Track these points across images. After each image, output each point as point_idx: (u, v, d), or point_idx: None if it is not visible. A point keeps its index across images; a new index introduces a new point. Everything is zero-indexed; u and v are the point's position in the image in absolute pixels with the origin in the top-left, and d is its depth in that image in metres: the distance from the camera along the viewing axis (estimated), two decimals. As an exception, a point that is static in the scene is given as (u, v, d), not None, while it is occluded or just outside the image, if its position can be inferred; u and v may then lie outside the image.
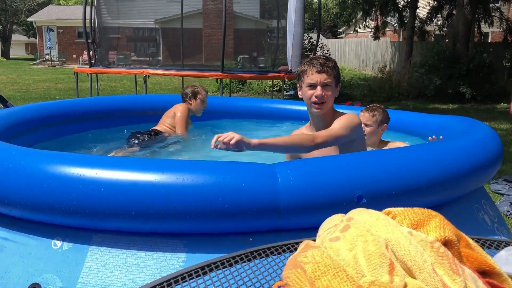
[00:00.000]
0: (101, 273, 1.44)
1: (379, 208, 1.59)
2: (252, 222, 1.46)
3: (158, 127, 3.55)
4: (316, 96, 1.92)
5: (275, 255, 0.84)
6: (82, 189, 1.43)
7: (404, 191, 1.60)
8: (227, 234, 1.53)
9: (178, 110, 3.56)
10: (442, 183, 1.70)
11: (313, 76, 1.92)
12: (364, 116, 2.67)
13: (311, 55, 8.70)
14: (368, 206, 1.47)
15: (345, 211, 1.54)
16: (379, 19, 16.29)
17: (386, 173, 1.61)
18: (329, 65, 1.93)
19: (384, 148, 2.64)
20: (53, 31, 27.73)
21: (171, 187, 1.41)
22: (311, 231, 0.86)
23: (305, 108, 2.11)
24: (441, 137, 2.40)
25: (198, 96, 3.68)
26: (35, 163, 1.54)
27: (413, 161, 1.71)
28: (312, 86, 1.93)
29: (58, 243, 1.52)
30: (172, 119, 3.55)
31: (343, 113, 2.00)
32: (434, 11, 15.21)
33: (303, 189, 1.47)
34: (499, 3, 14.01)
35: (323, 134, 1.87)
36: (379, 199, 1.52)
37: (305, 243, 0.67)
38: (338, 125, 1.91)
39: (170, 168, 1.48)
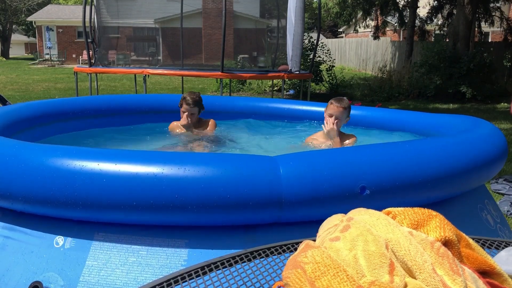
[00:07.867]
0: (102, 272, 1.44)
1: (383, 201, 1.58)
2: (254, 214, 1.47)
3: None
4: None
5: (275, 255, 0.84)
6: (84, 181, 1.43)
7: (408, 184, 1.60)
8: (229, 230, 1.53)
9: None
10: (447, 176, 1.69)
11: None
12: (336, 108, 2.71)
13: (311, 55, 8.69)
14: (371, 198, 1.48)
15: (347, 203, 1.53)
16: (379, 19, 16.27)
17: (390, 165, 1.61)
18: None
19: (345, 139, 2.78)
20: (52, 30, 27.70)
21: (173, 179, 1.41)
22: (314, 224, 0.86)
23: (305, 107, 2.12)
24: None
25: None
26: (36, 155, 1.54)
27: (418, 154, 1.71)
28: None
29: (60, 241, 1.52)
30: None
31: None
32: (434, 11, 15.21)
33: (305, 180, 1.47)
34: (500, 3, 14.00)
35: None
36: (382, 192, 1.52)
37: (305, 243, 0.67)
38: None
39: (172, 159, 1.48)
